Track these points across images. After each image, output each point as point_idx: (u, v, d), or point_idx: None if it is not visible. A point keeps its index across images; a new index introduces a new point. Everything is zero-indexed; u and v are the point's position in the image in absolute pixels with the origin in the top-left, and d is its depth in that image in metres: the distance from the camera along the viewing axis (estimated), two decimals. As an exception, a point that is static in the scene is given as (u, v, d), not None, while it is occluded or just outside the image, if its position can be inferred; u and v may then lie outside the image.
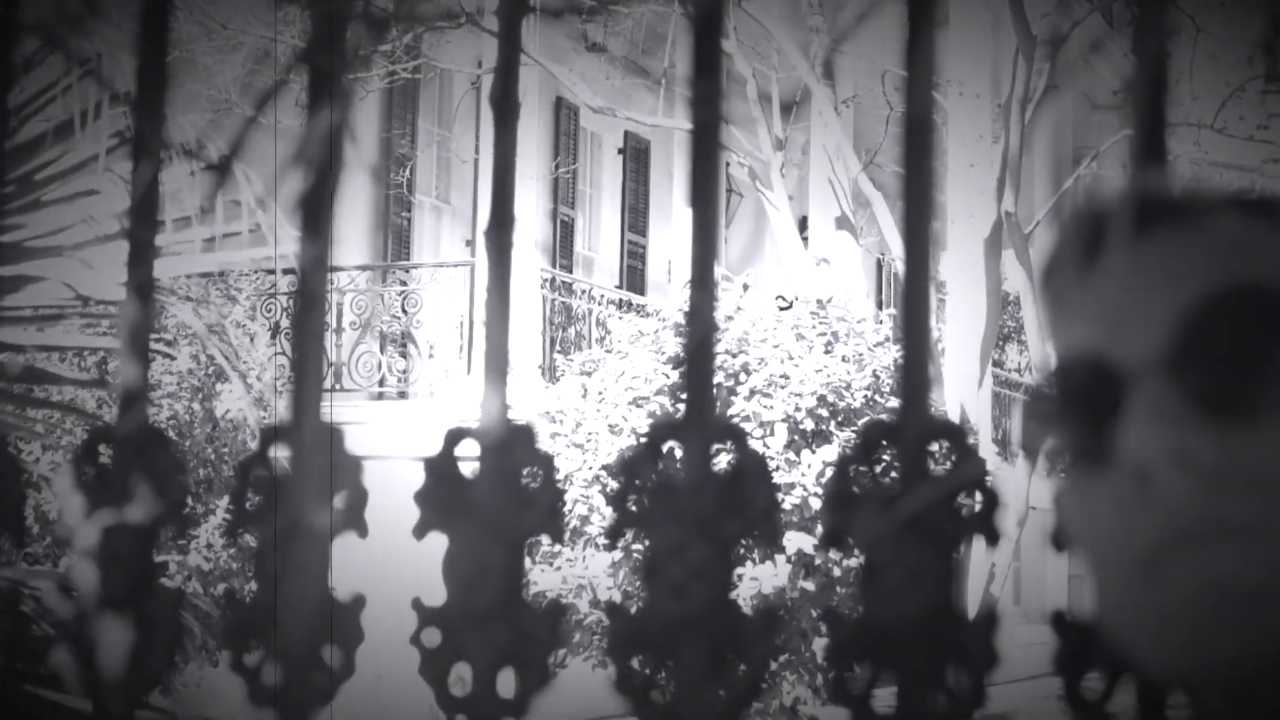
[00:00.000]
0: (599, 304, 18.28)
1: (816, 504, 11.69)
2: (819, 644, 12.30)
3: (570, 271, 19.45)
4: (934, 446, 1.35)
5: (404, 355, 16.83)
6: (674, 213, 20.88)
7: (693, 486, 1.37)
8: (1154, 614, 0.91)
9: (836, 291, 14.13)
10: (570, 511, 12.57)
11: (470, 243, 18.65)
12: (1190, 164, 19.64)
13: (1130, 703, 1.33)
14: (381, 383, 16.56)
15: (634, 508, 1.38)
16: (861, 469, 1.35)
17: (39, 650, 1.66)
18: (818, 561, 11.99)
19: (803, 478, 11.94)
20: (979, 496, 1.33)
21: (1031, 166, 21.21)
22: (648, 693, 1.36)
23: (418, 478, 1.43)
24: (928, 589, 1.31)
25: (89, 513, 1.51)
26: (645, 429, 1.42)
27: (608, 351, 13.71)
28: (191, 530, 12.28)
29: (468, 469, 1.42)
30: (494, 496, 1.41)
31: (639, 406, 12.63)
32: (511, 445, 1.41)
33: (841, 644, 1.33)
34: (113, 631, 1.51)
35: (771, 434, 12.29)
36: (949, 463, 1.34)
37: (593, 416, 12.83)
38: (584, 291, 18.22)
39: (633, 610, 1.37)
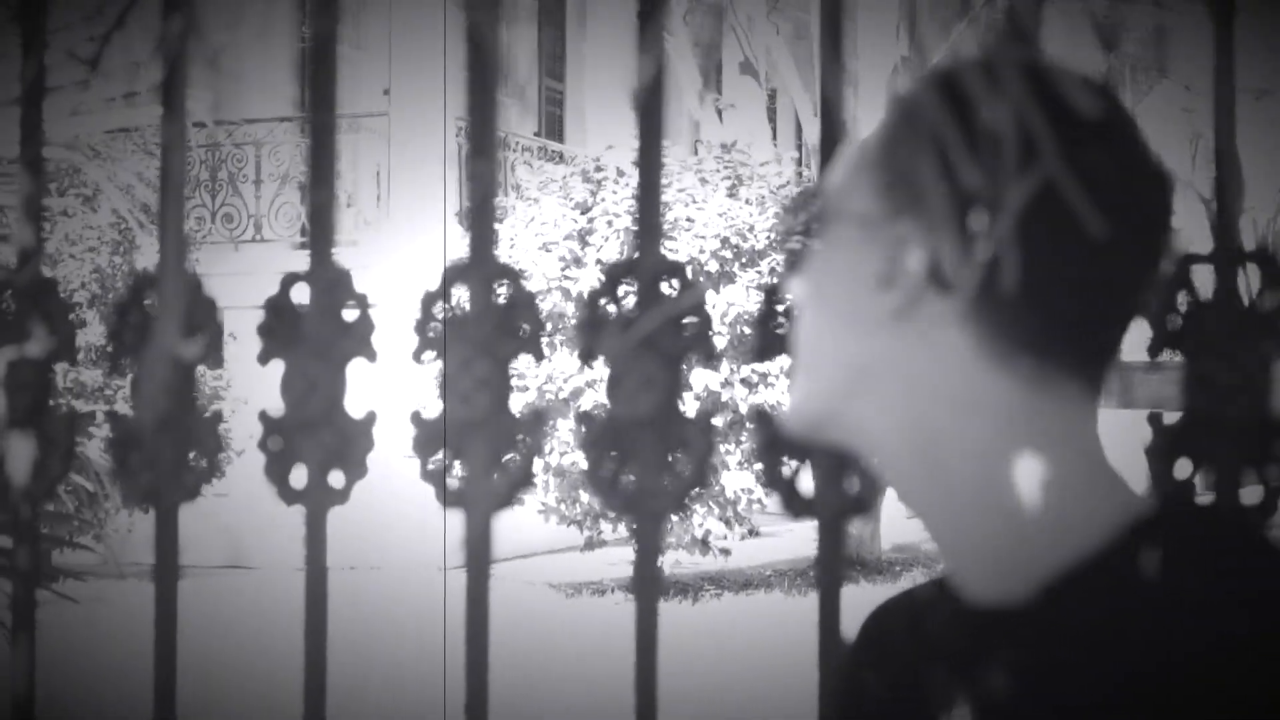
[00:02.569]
0: (514, 151, 18.46)
1: (721, 344, 12.03)
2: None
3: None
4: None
5: (323, 205, 16.99)
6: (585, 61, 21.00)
7: (477, 316, 1.71)
8: None
9: (740, 136, 14.39)
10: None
11: (388, 92, 18.73)
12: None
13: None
14: (302, 232, 16.76)
15: (431, 334, 1.73)
16: (608, 300, 1.70)
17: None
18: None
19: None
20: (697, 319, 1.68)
21: None
22: (443, 479, 1.72)
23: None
24: (657, 394, 1.67)
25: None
26: (439, 275, 1.76)
27: (519, 199, 13.96)
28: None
29: (299, 306, 1.76)
30: (320, 327, 1.75)
31: (548, 251, 12.92)
32: (334, 285, 1.75)
33: (594, 438, 1.69)
34: (18, 447, 1.85)
35: (676, 276, 12.54)
36: (675, 293, 1.69)
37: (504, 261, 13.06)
38: (500, 139, 18.36)
39: (429, 416, 1.72)
